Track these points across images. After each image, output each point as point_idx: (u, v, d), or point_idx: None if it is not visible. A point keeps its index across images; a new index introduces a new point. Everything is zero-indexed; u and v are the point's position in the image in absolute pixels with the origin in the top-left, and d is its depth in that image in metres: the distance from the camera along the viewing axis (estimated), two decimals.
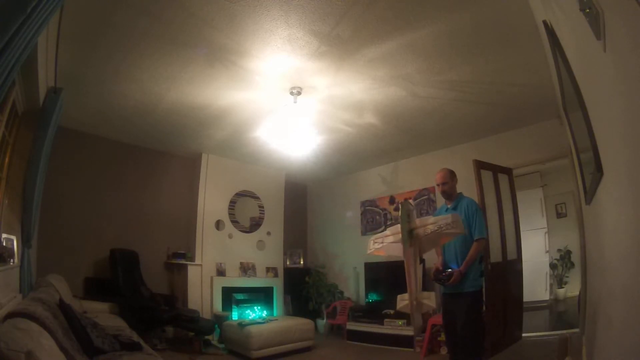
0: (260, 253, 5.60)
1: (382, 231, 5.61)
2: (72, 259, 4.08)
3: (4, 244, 2.29)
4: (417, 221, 2.59)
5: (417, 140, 4.88)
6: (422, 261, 2.67)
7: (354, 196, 6.20)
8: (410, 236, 2.50)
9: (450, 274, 2.66)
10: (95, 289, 4.08)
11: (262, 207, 5.79)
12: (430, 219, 2.58)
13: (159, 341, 3.95)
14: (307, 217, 7.01)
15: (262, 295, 5.37)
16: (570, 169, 3.21)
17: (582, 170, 1.84)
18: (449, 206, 2.90)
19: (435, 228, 2.44)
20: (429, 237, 2.48)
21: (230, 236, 5.35)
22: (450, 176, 2.89)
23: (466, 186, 3.15)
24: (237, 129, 4.41)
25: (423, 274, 4.66)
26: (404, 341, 4.32)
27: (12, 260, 2.32)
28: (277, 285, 5.61)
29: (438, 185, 2.92)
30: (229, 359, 4.01)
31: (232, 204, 5.48)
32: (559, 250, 6.22)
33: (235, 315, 4.85)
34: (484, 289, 2.74)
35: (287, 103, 3.53)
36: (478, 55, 2.95)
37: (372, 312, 4.88)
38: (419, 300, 2.55)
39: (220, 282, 4.97)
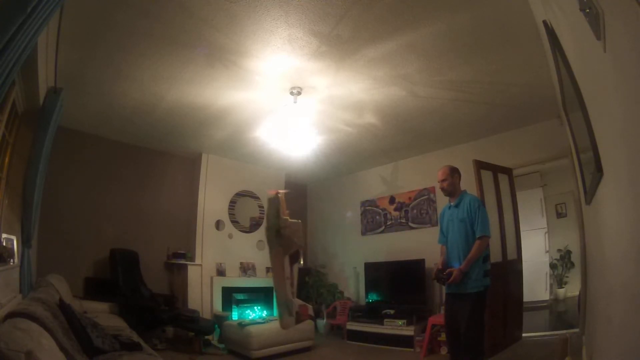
0: (260, 253, 5.59)
1: (381, 232, 5.69)
2: (72, 259, 4.07)
3: (4, 244, 2.30)
4: (283, 219, 2.33)
5: (417, 140, 4.88)
6: (297, 260, 2.42)
7: (354, 196, 6.20)
8: (278, 236, 2.24)
9: (450, 273, 2.64)
10: (95, 289, 4.08)
11: (262, 207, 5.78)
12: (288, 220, 2.36)
13: (159, 341, 3.95)
14: (307, 217, 7.01)
15: (262, 295, 5.36)
16: (570, 169, 3.21)
17: (582, 170, 1.84)
18: (452, 204, 2.89)
19: (289, 233, 2.28)
20: (288, 238, 2.27)
21: (230, 236, 5.35)
22: (451, 173, 2.85)
23: (466, 186, 3.14)
24: (237, 129, 4.41)
25: (422, 274, 4.69)
26: (404, 341, 4.32)
27: (12, 260, 2.32)
28: None
29: (439, 182, 2.91)
30: (229, 359, 4.01)
31: (232, 204, 5.47)
32: (559, 250, 6.22)
33: (235, 315, 4.85)
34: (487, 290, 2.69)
35: (287, 103, 3.53)
36: (478, 55, 2.95)
37: (372, 312, 4.88)
38: (295, 309, 2.36)
39: (220, 282, 4.97)
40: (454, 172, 2.87)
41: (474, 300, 2.59)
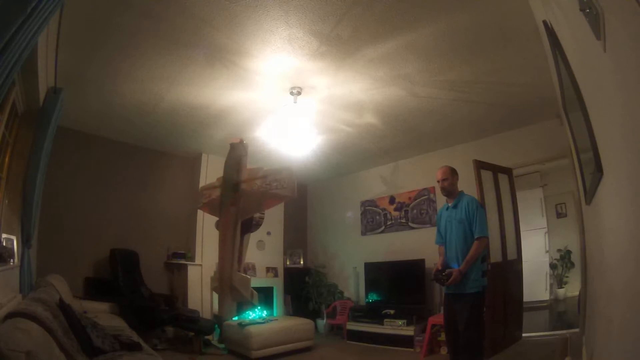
0: (260, 253, 5.60)
1: (381, 232, 5.69)
2: (72, 259, 4.07)
3: (4, 244, 2.29)
4: (247, 172, 1.91)
5: (417, 140, 4.88)
6: (249, 229, 1.93)
7: (354, 196, 6.20)
8: (234, 191, 1.84)
9: (450, 274, 2.65)
10: (95, 289, 4.08)
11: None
12: (261, 171, 1.90)
13: (159, 341, 3.95)
14: (307, 217, 7.01)
15: (262, 295, 5.36)
16: (570, 169, 3.20)
17: (582, 170, 1.83)
18: (449, 204, 2.90)
19: (264, 185, 1.81)
20: (254, 195, 1.82)
21: None
22: (451, 173, 2.88)
23: (466, 186, 3.14)
24: (237, 129, 4.40)
25: (422, 274, 4.68)
26: (404, 341, 4.32)
27: (12, 260, 2.32)
28: (277, 285, 5.61)
29: (439, 181, 2.92)
30: (229, 359, 4.01)
31: None
32: (559, 250, 6.22)
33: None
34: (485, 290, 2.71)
35: (287, 103, 3.53)
36: (478, 55, 2.95)
37: (372, 312, 4.88)
38: (232, 282, 1.78)
39: None
40: (454, 173, 2.90)
41: (472, 300, 2.61)
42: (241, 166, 1.89)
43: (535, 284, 5.84)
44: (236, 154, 1.87)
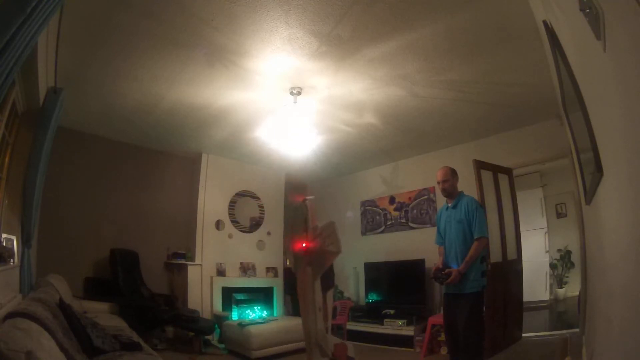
0: (260, 253, 5.60)
1: (381, 232, 5.69)
2: (72, 259, 4.07)
3: (4, 244, 2.29)
4: (312, 231, 1.83)
5: (417, 140, 4.88)
6: (331, 285, 1.84)
7: (354, 196, 6.20)
8: (305, 251, 1.81)
9: (449, 274, 2.66)
10: (95, 289, 4.08)
11: (262, 207, 5.79)
12: (318, 228, 1.84)
13: (159, 341, 3.95)
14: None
15: (262, 295, 5.36)
16: (570, 169, 3.21)
17: (582, 170, 1.84)
18: (449, 205, 2.90)
19: (321, 242, 1.77)
20: (317, 255, 1.75)
21: (230, 236, 5.34)
22: (452, 174, 2.88)
23: (466, 186, 3.14)
24: (237, 129, 4.40)
25: (422, 274, 4.68)
26: (404, 341, 4.32)
27: (12, 260, 2.32)
28: (277, 285, 5.61)
29: (439, 182, 2.91)
30: (229, 359, 4.01)
31: (232, 204, 5.47)
32: (559, 250, 6.22)
33: (235, 315, 4.85)
34: (485, 290, 2.71)
35: (287, 103, 3.53)
36: (478, 55, 2.95)
37: (372, 312, 4.88)
38: (318, 341, 1.66)
39: (220, 282, 4.97)
40: (454, 174, 2.90)
41: (472, 301, 2.62)
42: (308, 224, 1.86)
43: (535, 284, 5.83)
44: (301, 213, 1.86)
